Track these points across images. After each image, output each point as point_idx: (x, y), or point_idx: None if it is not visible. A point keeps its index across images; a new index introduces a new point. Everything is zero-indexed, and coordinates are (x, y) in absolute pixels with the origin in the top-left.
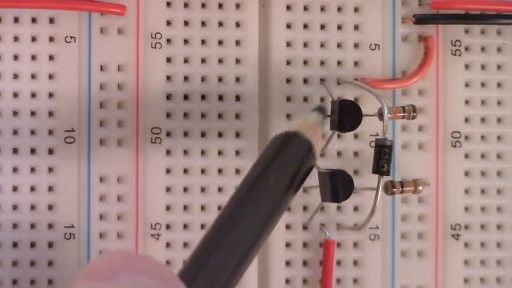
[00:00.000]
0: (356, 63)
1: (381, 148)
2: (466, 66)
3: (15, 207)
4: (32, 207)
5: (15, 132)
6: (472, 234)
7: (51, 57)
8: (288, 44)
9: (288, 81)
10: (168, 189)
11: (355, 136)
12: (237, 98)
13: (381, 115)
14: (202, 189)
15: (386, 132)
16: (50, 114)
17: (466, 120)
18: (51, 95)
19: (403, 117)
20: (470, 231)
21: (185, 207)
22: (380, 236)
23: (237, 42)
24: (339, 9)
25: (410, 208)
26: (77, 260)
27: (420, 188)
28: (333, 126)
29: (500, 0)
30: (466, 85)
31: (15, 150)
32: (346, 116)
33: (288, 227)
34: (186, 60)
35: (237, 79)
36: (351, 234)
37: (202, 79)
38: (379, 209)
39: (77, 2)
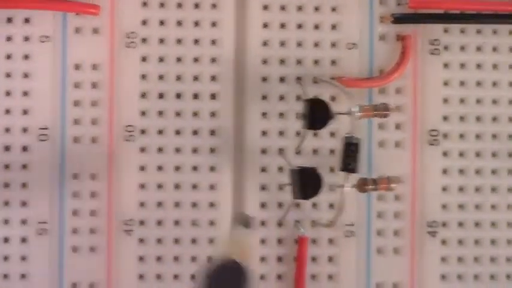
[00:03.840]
0: (333, 62)
1: (348, 146)
2: (445, 65)
3: None
4: (6, 203)
5: None
6: (450, 231)
7: (26, 57)
8: (265, 43)
9: (264, 79)
10: (141, 186)
11: (331, 134)
12: (212, 96)
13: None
14: (176, 186)
15: (354, 130)
16: (24, 112)
17: (445, 118)
18: (25, 93)
19: (375, 115)
20: (448, 228)
21: (159, 204)
22: (355, 232)
23: (213, 42)
24: (316, 9)
25: (386, 205)
26: (49, 256)
27: (393, 185)
28: (305, 125)
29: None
30: (445, 84)
31: None
32: (316, 115)
33: (262, 223)
34: (161, 60)
35: (213, 78)
36: (326, 231)
37: (177, 78)
38: (355, 206)
39: (52, 3)
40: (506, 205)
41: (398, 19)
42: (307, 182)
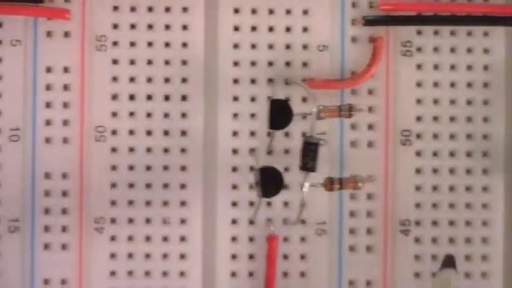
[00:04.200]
0: (305, 64)
1: (307, 145)
2: (418, 66)
3: None
4: None
5: None
6: (423, 230)
7: None
8: (236, 46)
9: (235, 81)
10: (113, 185)
11: (303, 134)
12: (183, 97)
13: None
14: (147, 186)
15: (313, 130)
16: None
17: (418, 119)
18: None
19: (341, 115)
20: (421, 227)
21: (130, 202)
22: (327, 231)
23: (184, 44)
24: (288, 11)
25: (359, 204)
26: (21, 253)
27: (360, 184)
28: (268, 125)
29: (450, 2)
30: (418, 85)
31: None
32: (277, 115)
33: (233, 221)
34: (132, 62)
35: (183, 80)
36: (298, 229)
37: (148, 80)
38: (327, 205)
39: (24, 8)
40: (480, 204)
41: (370, 21)
42: (268, 181)
